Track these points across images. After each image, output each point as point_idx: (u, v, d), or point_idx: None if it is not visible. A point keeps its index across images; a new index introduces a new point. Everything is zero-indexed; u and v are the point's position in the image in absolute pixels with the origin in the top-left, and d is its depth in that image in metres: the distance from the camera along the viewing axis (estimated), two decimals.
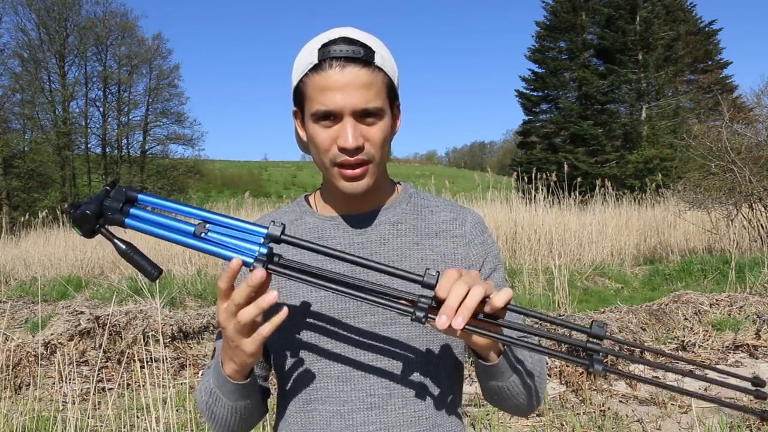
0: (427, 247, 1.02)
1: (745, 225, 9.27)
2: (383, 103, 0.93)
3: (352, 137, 0.90)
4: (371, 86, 0.91)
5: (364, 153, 0.92)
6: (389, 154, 0.99)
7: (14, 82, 30.05)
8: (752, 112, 11.92)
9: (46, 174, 29.10)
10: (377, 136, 0.93)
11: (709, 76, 27.65)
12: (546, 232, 8.97)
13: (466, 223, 1.06)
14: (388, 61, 0.96)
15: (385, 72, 0.94)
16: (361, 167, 0.93)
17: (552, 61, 29.40)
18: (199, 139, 47.25)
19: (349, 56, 0.90)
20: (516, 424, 3.51)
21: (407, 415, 0.97)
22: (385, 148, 0.96)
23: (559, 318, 0.82)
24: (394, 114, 1.00)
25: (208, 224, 0.84)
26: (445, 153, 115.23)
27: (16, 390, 4.25)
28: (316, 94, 0.91)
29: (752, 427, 3.34)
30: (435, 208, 1.07)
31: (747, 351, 4.68)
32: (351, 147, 0.90)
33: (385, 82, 0.94)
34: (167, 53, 39.37)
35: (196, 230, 0.84)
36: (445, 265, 1.01)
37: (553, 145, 28.48)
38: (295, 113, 1.02)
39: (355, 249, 1.01)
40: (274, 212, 1.11)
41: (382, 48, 0.95)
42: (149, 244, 10.41)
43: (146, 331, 4.85)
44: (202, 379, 1.01)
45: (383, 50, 0.95)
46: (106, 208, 0.85)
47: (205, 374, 1.01)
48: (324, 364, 0.98)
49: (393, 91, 0.97)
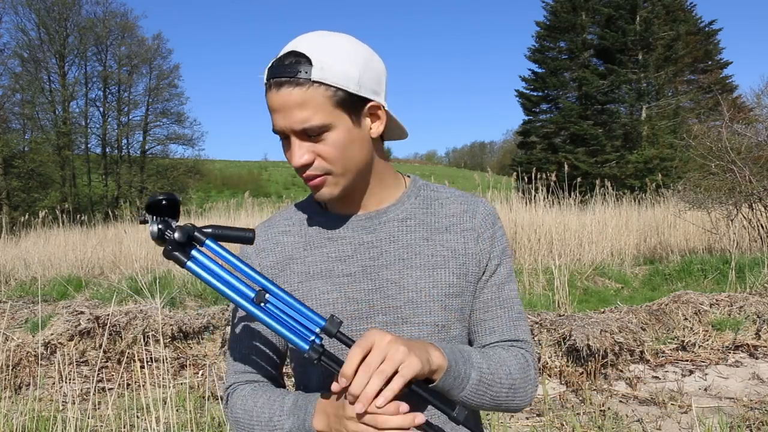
0: (438, 242, 1.01)
1: (745, 225, 9.27)
2: (326, 117, 0.90)
3: (296, 156, 0.92)
4: (306, 105, 0.88)
5: (313, 168, 0.93)
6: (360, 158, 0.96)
7: (14, 82, 30.06)
8: (752, 112, 11.93)
9: (46, 174, 29.11)
10: (327, 150, 0.92)
11: (709, 76, 27.67)
12: (546, 232, 8.97)
13: (477, 215, 1.04)
14: (337, 68, 0.89)
15: (327, 85, 0.89)
16: (317, 179, 0.94)
17: (552, 61, 29.40)
18: (199, 139, 47.35)
19: (280, 77, 0.89)
20: (516, 424, 3.52)
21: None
22: (346, 156, 0.93)
23: None
24: (362, 118, 0.95)
25: (268, 294, 0.85)
26: (445, 153, 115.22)
27: (16, 390, 4.25)
28: (270, 113, 0.94)
29: (752, 427, 3.34)
30: (445, 200, 1.06)
31: (747, 351, 4.68)
32: (296, 165, 0.93)
33: (327, 95, 0.89)
34: (167, 53, 39.45)
35: (257, 297, 0.84)
36: (455, 262, 1.00)
37: (553, 145, 28.48)
38: None
39: (365, 248, 1.01)
40: (285, 210, 1.11)
41: (329, 56, 0.90)
42: (149, 243, 10.41)
43: (146, 331, 4.85)
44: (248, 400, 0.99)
45: (329, 58, 0.89)
46: (171, 241, 0.84)
47: (262, 401, 0.97)
48: None
49: (346, 99, 0.91)
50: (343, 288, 0.99)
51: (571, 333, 4.30)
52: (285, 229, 1.07)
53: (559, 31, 29.03)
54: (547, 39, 29.73)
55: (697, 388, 4.04)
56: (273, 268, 1.04)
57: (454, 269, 1.00)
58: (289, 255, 1.04)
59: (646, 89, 28.06)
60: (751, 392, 3.92)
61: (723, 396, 3.89)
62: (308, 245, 1.03)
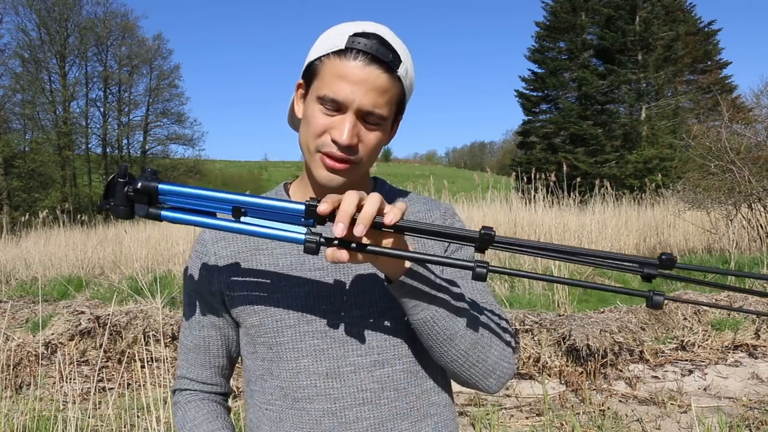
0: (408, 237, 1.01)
1: (745, 225, 9.28)
2: (389, 113, 0.92)
3: (348, 134, 0.88)
4: (385, 93, 0.90)
5: (353, 153, 0.91)
6: (374, 161, 0.98)
7: (15, 82, 30.10)
8: (751, 112, 11.92)
9: (47, 174, 29.13)
10: (372, 141, 0.92)
11: (709, 77, 27.67)
12: (545, 232, 8.98)
13: (438, 210, 1.06)
14: (410, 76, 0.94)
15: (403, 84, 0.93)
16: (345, 163, 0.91)
17: (552, 61, 29.39)
18: (199, 139, 47.43)
19: (375, 55, 0.87)
20: (516, 423, 3.52)
21: (400, 407, 0.95)
22: (374, 154, 0.95)
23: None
24: (394, 127, 0.99)
25: (242, 208, 0.80)
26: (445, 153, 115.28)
27: (16, 390, 4.25)
28: (329, 78, 0.89)
29: (751, 426, 3.35)
30: (409, 200, 1.07)
31: (746, 351, 4.69)
32: (344, 143, 0.89)
33: (399, 94, 0.93)
34: (168, 53, 39.49)
35: (234, 214, 0.80)
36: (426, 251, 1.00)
37: (553, 145, 28.47)
38: (299, 86, 0.99)
39: None
40: None
41: (408, 61, 0.93)
42: (149, 243, 10.42)
43: (147, 330, 4.86)
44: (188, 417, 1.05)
45: (409, 64, 0.94)
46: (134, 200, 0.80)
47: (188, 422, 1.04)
48: (310, 361, 0.94)
49: (402, 105, 0.96)
50: (314, 282, 0.96)
51: (571, 333, 4.31)
52: None
53: (559, 32, 29.02)
54: (547, 39, 29.73)
55: (696, 388, 4.04)
56: (236, 257, 0.99)
57: None
58: (254, 246, 0.99)
59: (646, 89, 28.06)
60: (750, 392, 3.93)
61: (722, 396, 3.90)
62: None
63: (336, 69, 0.88)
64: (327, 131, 0.90)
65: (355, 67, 0.87)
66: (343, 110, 0.89)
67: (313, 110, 0.91)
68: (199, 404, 1.05)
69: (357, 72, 0.87)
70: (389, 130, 0.97)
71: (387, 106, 0.91)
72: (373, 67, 0.88)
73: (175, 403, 1.07)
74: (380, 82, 0.88)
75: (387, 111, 0.91)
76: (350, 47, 0.88)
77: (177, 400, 1.07)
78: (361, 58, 0.87)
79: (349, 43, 0.88)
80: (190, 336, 1.06)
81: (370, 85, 0.88)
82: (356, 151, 0.91)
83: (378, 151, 0.96)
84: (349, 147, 0.90)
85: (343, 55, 0.88)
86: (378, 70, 0.88)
